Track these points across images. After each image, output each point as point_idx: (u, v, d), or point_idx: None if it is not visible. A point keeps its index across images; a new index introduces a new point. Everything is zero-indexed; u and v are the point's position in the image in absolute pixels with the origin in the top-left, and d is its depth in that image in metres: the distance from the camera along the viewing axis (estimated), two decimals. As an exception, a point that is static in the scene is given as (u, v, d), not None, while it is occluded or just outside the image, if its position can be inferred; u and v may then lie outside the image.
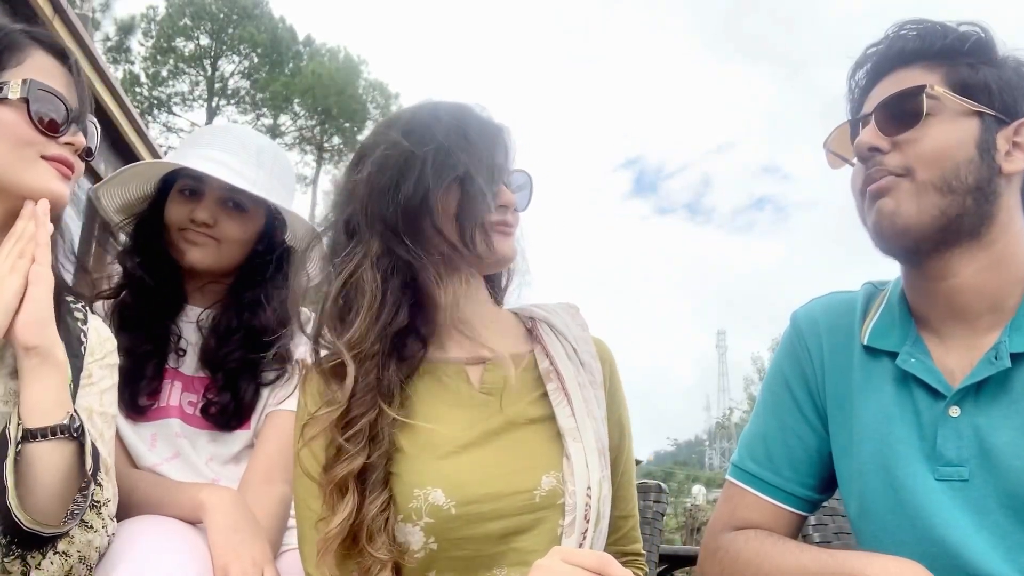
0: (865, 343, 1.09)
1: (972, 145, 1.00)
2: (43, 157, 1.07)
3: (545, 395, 1.18)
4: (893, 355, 1.05)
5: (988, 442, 0.96)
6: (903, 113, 1.02)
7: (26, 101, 1.05)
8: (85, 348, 1.16)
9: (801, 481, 1.14)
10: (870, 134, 1.03)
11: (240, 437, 1.47)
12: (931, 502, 0.98)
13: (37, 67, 1.09)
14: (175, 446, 1.44)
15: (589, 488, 1.12)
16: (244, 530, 1.18)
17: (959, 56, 1.02)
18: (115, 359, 1.23)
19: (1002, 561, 0.93)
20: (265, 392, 1.48)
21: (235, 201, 1.50)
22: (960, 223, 1.00)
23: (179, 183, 1.50)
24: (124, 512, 1.23)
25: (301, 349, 1.47)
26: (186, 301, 1.54)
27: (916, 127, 1.01)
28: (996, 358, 0.97)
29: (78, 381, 1.12)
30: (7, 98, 1.04)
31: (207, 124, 33.78)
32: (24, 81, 1.05)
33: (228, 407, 1.45)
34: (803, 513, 1.16)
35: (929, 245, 1.02)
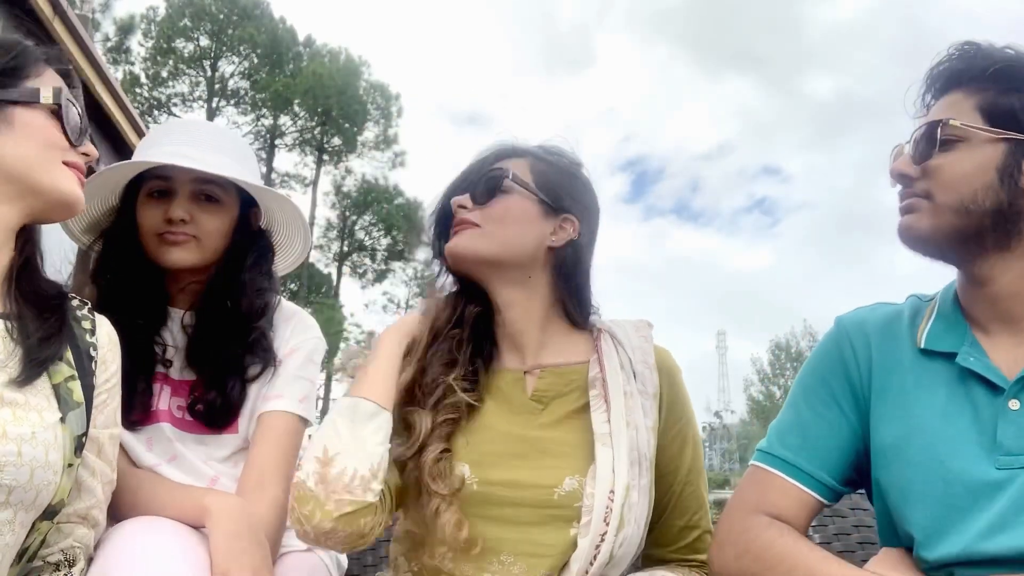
0: (922, 347, 1.13)
1: (992, 170, 1.06)
2: (64, 163, 1.12)
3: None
4: (950, 356, 1.10)
5: None
6: (929, 143, 1.11)
7: (58, 107, 1.11)
8: (95, 364, 1.14)
9: (831, 471, 1.16)
10: (902, 162, 1.14)
11: (228, 442, 1.45)
12: (986, 497, 1.01)
13: (51, 83, 1.13)
14: (171, 449, 1.43)
15: (612, 492, 1.16)
16: (246, 538, 1.18)
17: (988, 82, 1.08)
18: (119, 366, 1.21)
19: None
20: (252, 390, 1.45)
21: (207, 193, 1.45)
22: (980, 239, 1.07)
23: (146, 186, 1.45)
24: (127, 511, 1.23)
25: (279, 342, 1.48)
26: (168, 304, 1.50)
27: (938, 156, 1.10)
28: None
29: (91, 407, 1.10)
30: (39, 103, 1.09)
31: (207, 125, 33.67)
32: (55, 89, 1.11)
33: (215, 404, 1.42)
34: (826, 502, 1.18)
35: (952, 255, 1.12)
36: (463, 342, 1.29)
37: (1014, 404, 1.04)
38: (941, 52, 1.13)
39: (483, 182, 1.31)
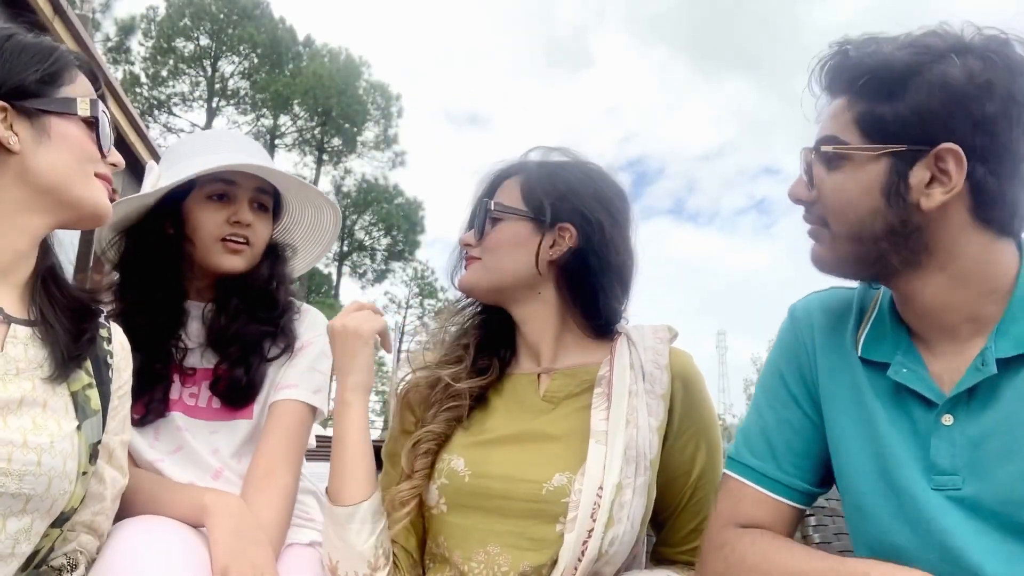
0: (860, 355, 1.08)
1: (877, 192, 0.98)
2: (95, 175, 1.11)
3: None
4: (886, 365, 1.05)
5: (980, 449, 0.96)
6: (814, 165, 1.05)
7: (95, 120, 1.09)
8: (112, 373, 1.14)
9: (801, 476, 1.12)
10: (796, 186, 1.08)
11: (240, 428, 1.46)
12: (931, 510, 0.97)
13: (85, 89, 1.12)
14: (178, 440, 1.43)
15: (600, 489, 1.16)
16: (246, 535, 1.18)
17: (862, 93, 0.99)
18: (130, 373, 1.22)
19: (1004, 564, 0.92)
20: (270, 371, 1.48)
21: (261, 202, 1.52)
22: (885, 262, 1.01)
23: (205, 188, 1.47)
24: (125, 511, 1.23)
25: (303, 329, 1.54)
26: (186, 298, 1.52)
27: (824, 177, 1.03)
28: (983, 364, 0.96)
29: (107, 414, 1.11)
30: (76, 114, 1.08)
31: (207, 124, 33.80)
32: (92, 100, 1.09)
33: (240, 382, 1.44)
34: (802, 507, 1.14)
35: (866, 277, 1.07)
36: (469, 346, 1.37)
37: (947, 419, 0.98)
38: (821, 52, 1.04)
39: (478, 217, 1.37)
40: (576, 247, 1.30)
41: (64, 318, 1.08)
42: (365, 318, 1.32)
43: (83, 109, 1.08)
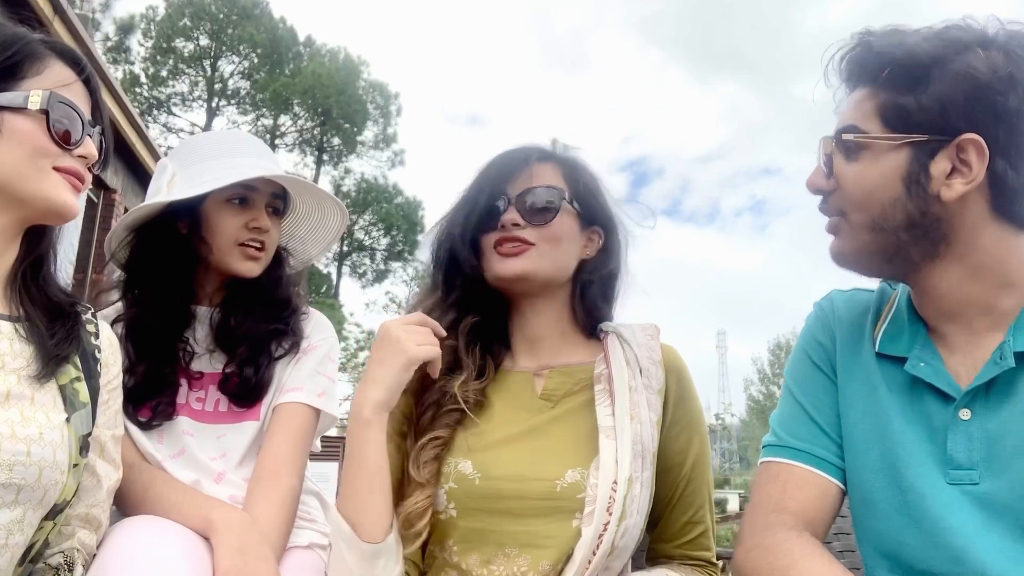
0: (877, 350, 1.09)
1: (898, 182, 0.99)
2: (55, 168, 1.08)
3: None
4: (903, 360, 1.05)
5: (998, 444, 0.96)
6: (834, 155, 1.05)
7: (46, 113, 1.06)
8: (100, 367, 1.15)
9: (843, 456, 1.11)
10: (815, 175, 1.08)
11: (247, 430, 1.47)
12: (941, 505, 0.97)
13: (56, 78, 1.09)
14: (180, 443, 1.43)
15: (615, 483, 1.17)
16: (250, 552, 1.18)
17: (885, 83, 1.00)
18: (120, 368, 1.23)
19: (1012, 564, 0.92)
20: (276, 370, 1.49)
21: (275, 207, 1.54)
22: (905, 254, 1.02)
23: (227, 192, 1.47)
24: (135, 506, 1.25)
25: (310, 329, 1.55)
26: (195, 303, 1.52)
27: (844, 166, 1.04)
28: (1001, 358, 0.97)
29: (96, 407, 1.11)
30: (27, 108, 1.05)
31: (207, 124, 33.78)
32: (45, 93, 1.06)
33: (250, 381, 1.45)
34: (845, 490, 1.12)
35: (886, 271, 1.07)
36: (464, 348, 1.33)
37: (964, 414, 0.98)
38: (843, 41, 1.05)
39: (534, 200, 1.28)
40: (601, 249, 1.35)
41: (42, 316, 1.08)
42: (423, 339, 1.21)
43: (34, 103, 1.05)
